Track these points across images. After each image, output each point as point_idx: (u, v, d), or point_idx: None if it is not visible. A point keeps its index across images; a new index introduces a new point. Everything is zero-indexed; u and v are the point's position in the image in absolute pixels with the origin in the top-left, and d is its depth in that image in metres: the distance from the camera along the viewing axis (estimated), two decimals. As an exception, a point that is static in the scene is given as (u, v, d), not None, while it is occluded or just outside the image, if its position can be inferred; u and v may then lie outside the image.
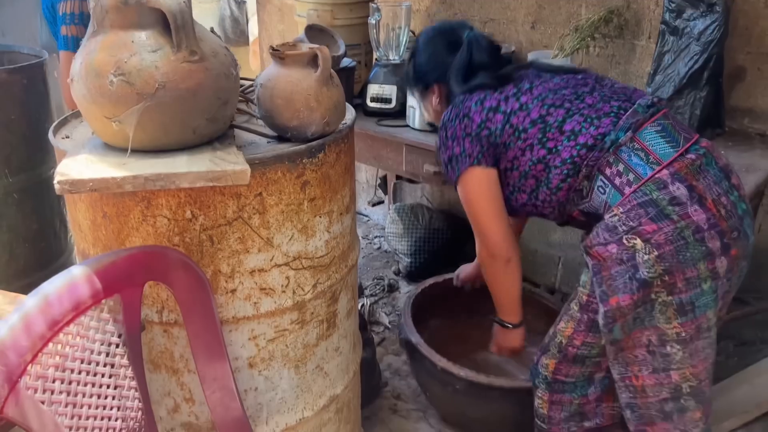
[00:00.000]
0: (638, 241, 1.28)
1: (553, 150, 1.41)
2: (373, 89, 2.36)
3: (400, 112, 2.32)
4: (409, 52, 1.66)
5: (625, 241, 1.30)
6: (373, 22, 2.28)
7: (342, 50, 2.02)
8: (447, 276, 2.24)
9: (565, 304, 1.54)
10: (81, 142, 1.24)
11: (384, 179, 3.44)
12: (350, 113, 1.48)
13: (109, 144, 1.17)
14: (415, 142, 2.17)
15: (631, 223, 1.29)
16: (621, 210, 1.31)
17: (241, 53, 4.82)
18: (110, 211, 1.23)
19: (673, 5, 1.92)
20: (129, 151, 1.08)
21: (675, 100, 1.95)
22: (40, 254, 2.04)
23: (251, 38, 4.69)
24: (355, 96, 2.44)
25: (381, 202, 3.60)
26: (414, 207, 3.07)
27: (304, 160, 1.28)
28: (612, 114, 1.38)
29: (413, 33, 2.52)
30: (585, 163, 1.37)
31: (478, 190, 1.51)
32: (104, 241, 1.28)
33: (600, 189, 1.37)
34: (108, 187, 1.03)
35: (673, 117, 1.43)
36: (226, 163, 1.09)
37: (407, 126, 2.27)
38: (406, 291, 2.90)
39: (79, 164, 1.07)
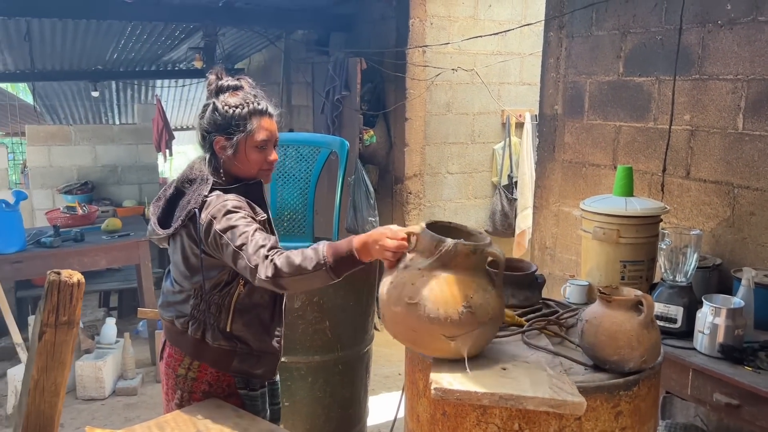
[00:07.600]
0: None
1: None
2: (658, 307, 2.43)
3: (685, 333, 2.33)
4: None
5: None
6: (664, 247, 2.42)
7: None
8: None
9: None
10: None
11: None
12: (662, 351, 1.59)
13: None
14: (704, 368, 2.14)
15: None
16: None
17: (504, 243, 5.22)
18: (450, 411, 1.48)
19: None
20: (467, 367, 1.37)
21: None
22: (347, 419, 2.41)
23: (517, 231, 5.09)
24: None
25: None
26: (688, 428, 2.89)
27: (620, 392, 1.42)
28: None
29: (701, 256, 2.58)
30: None
31: None
32: (438, 435, 1.52)
33: None
34: (470, 399, 1.29)
35: None
36: (565, 393, 1.28)
37: (694, 349, 2.26)
38: None
39: (445, 375, 1.36)
